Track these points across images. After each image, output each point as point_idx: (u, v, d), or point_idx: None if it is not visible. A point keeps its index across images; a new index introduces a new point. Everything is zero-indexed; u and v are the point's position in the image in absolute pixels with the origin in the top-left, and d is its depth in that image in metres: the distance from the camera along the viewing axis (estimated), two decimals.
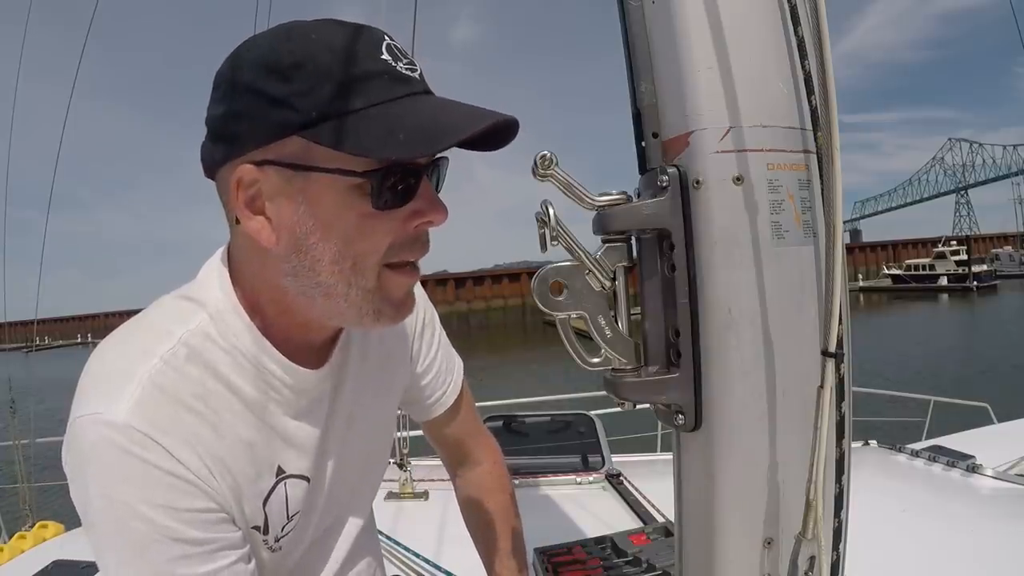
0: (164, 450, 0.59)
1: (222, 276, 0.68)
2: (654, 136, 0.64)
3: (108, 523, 0.58)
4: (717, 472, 0.62)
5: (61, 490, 0.65)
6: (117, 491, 0.57)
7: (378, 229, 0.61)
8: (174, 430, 0.60)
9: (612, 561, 1.56)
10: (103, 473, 0.58)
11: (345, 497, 0.82)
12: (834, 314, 0.57)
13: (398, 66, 0.60)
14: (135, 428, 0.58)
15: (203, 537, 0.60)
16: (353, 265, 0.62)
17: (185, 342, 0.63)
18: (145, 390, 0.60)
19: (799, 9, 0.59)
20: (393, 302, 0.66)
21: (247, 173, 0.61)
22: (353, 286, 0.63)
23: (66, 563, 1.94)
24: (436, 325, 0.96)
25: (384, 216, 0.61)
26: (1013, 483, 1.94)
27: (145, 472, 0.58)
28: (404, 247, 0.64)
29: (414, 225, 0.63)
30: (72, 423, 0.59)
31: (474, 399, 1.06)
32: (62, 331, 78.34)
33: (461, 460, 1.06)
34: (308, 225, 0.61)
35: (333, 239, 0.61)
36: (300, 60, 0.58)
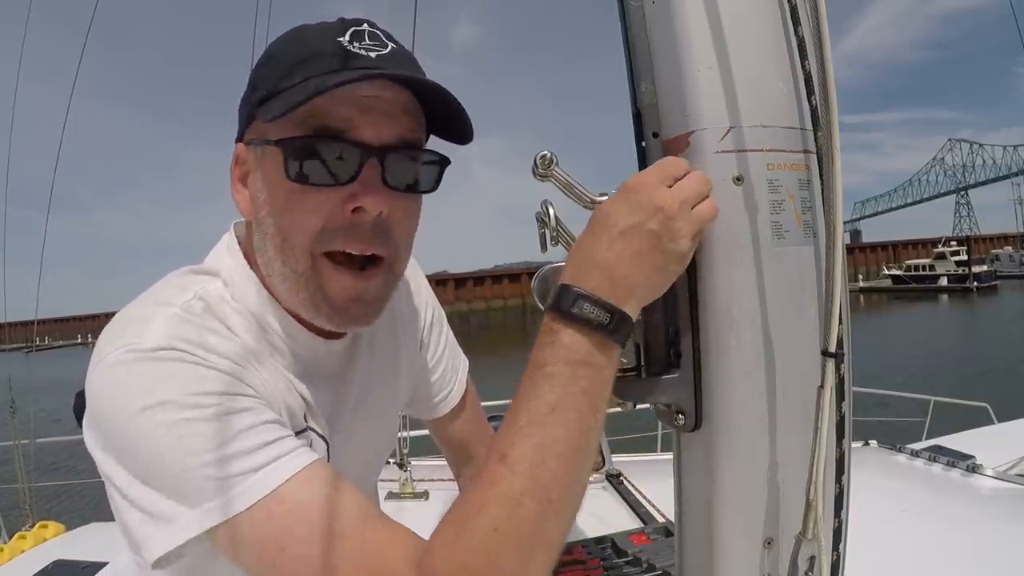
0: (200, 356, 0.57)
1: (232, 248, 0.70)
2: (654, 136, 0.64)
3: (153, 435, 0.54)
4: (717, 472, 0.62)
5: (61, 490, 0.64)
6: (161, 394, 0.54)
7: (304, 206, 0.61)
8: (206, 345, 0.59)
9: (612, 561, 1.56)
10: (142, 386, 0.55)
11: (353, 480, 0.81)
12: (834, 314, 0.57)
13: (351, 46, 0.62)
14: (168, 346, 0.56)
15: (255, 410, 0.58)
16: (284, 241, 0.63)
17: (200, 296, 0.64)
18: (169, 321, 0.59)
19: (799, 9, 0.59)
20: (330, 300, 0.64)
21: (241, 151, 0.68)
22: (287, 265, 0.64)
23: (66, 563, 1.94)
24: (444, 324, 0.97)
25: (311, 193, 0.61)
26: (1013, 483, 1.94)
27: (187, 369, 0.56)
28: (338, 233, 0.62)
29: (349, 209, 0.61)
30: (93, 369, 0.57)
31: (480, 400, 1.06)
32: (62, 331, 78.36)
33: (466, 460, 1.06)
34: (261, 198, 0.65)
35: (272, 214, 0.64)
36: (275, 51, 0.65)
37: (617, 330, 0.55)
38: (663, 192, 0.56)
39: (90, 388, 0.57)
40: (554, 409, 0.54)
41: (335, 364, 0.75)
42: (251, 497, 0.53)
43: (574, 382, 0.54)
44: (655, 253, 0.56)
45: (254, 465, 0.54)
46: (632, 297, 0.56)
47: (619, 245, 0.56)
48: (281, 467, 0.55)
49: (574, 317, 0.55)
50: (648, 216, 0.56)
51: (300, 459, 0.56)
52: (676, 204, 0.56)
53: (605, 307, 0.55)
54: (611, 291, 0.55)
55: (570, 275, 0.57)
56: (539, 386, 0.55)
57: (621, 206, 0.57)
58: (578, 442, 0.54)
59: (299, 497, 0.54)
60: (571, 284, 0.56)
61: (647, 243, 0.55)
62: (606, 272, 0.55)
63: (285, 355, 0.68)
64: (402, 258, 0.68)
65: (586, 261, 0.57)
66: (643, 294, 0.57)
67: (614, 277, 0.55)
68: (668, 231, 0.56)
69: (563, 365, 0.55)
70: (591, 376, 0.55)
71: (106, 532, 2.15)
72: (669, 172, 0.58)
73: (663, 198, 0.56)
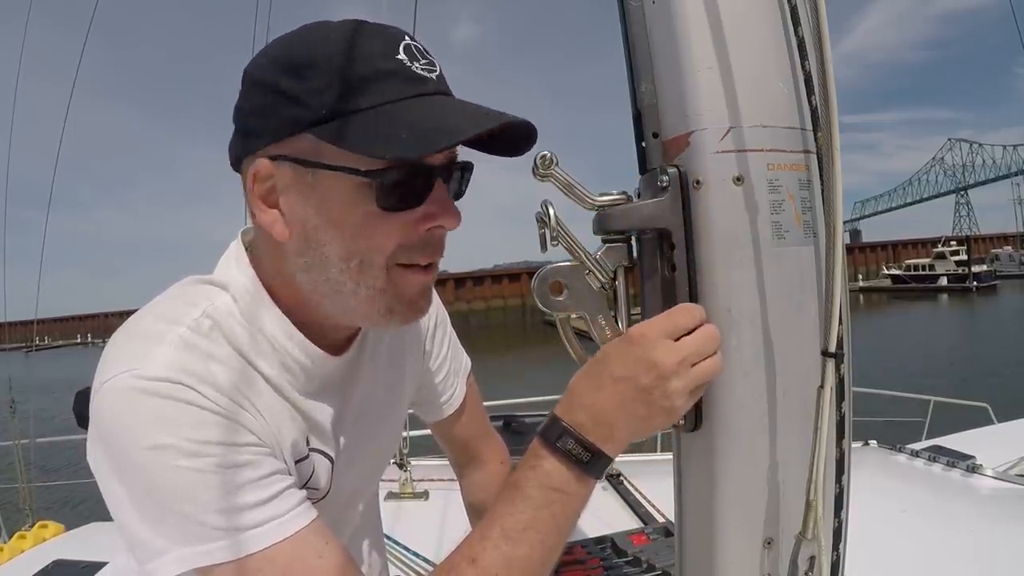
0: (201, 394, 0.58)
1: (241, 262, 0.69)
2: (654, 136, 0.64)
3: (155, 472, 0.55)
4: (717, 472, 0.62)
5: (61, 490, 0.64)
6: (163, 436, 0.55)
7: (384, 229, 0.61)
8: (210, 378, 0.59)
9: (612, 561, 1.56)
10: (145, 422, 0.56)
11: (349, 492, 0.81)
12: (834, 314, 0.57)
13: (413, 66, 0.60)
14: (171, 379, 0.57)
15: (256, 463, 0.59)
16: (360, 263, 0.62)
17: (208, 314, 0.64)
18: (175, 347, 0.59)
19: (799, 9, 0.59)
20: (405, 300, 0.65)
21: (263, 167, 0.62)
22: (361, 284, 0.63)
23: (66, 563, 1.94)
24: (447, 326, 0.97)
25: (391, 217, 0.61)
26: (1013, 483, 1.94)
27: (190, 413, 0.57)
28: (414, 249, 0.63)
29: (425, 228, 0.63)
30: (101, 386, 0.58)
31: (482, 400, 1.06)
32: (62, 331, 78.31)
33: (468, 460, 1.06)
34: (317, 221, 0.62)
35: (340, 237, 0.61)
36: (314, 59, 0.59)
37: (594, 466, 0.60)
38: (663, 349, 0.58)
39: (94, 409, 0.58)
40: (525, 528, 0.59)
41: (340, 376, 0.74)
42: (240, 552, 0.56)
43: (546, 506, 0.60)
44: (642, 406, 0.59)
45: (248, 523, 0.57)
46: (613, 439, 0.60)
47: (608, 391, 0.60)
48: (274, 530, 0.58)
49: (557, 449, 0.60)
50: (641, 372, 0.58)
51: (293, 524, 0.59)
52: (674, 363, 0.58)
53: (585, 445, 0.59)
54: (593, 431, 0.60)
55: (561, 408, 0.62)
56: (515, 504, 0.60)
57: (619, 354, 0.60)
58: (542, 559, 0.60)
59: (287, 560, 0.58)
60: (560, 417, 0.61)
61: (635, 396, 0.59)
62: (591, 413, 0.60)
63: (295, 372, 0.68)
64: None
65: (577, 398, 0.61)
66: (625, 438, 0.61)
67: (598, 419, 0.60)
68: (660, 388, 0.58)
69: (539, 489, 0.60)
70: (563, 502, 0.60)
71: (106, 532, 2.15)
72: (678, 325, 0.60)
73: (662, 356, 0.58)
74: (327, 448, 0.72)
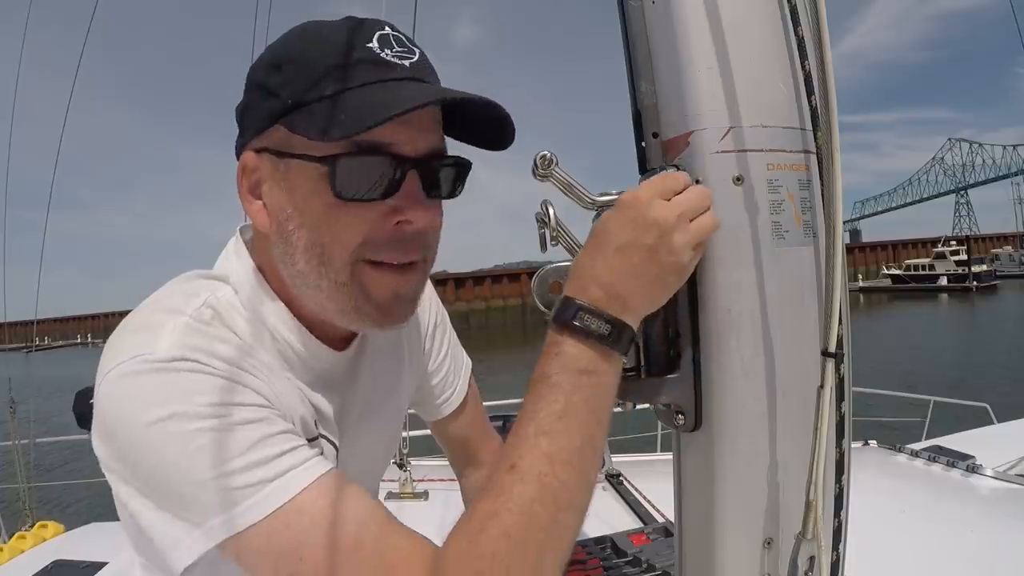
0: (212, 367, 0.57)
1: (241, 255, 0.69)
2: (654, 136, 0.64)
3: (170, 446, 0.53)
4: (717, 472, 0.62)
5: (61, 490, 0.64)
6: (174, 406, 0.54)
7: (346, 221, 0.60)
8: (219, 354, 0.58)
9: (612, 561, 1.56)
10: (155, 398, 0.54)
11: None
12: (834, 314, 0.57)
13: (383, 53, 0.60)
14: (180, 356, 0.56)
15: (268, 420, 0.58)
16: (321, 255, 0.61)
17: (210, 304, 0.63)
18: (180, 331, 0.58)
19: (799, 9, 0.59)
20: (375, 302, 0.63)
21: (250, 160, 0.64)
22: (324, 277, 0.62)
23: (66, 563, 1.93)
24: (447, 326, 0.97)
25: (353, 208, 0.60)
26: (1013, 483, 1.94)
27: (201, 380, 0.56)
28: (382, 245, 0.61)
29: (392, 223, 0.61)
30: (104, 378, 0.57)
31: (482, 400, 1.06)
32: (62, 331, 78.30)
33: (468, 460, 1.06)
34: (288, 211, 0.62)
35: (305, 227, 0.61)
36: (293, 54, 0.61)
37: (618, 340, 0.57)
38: (659, 206, 0.57)
39: (99, 399, 0.57)
40: (560, 417, 0.55)
41: (341, 373, 0.74)
42: (268, 507, 0.53)
43: (578, 391, 0.56)
44: (652, 266, 0.57)
45: (270, 475, 0.54)
46: (631, 309, 0.58)
47: (615, 260, 0.58)
48: (297, 477, 0.55)
49: (576, 329, 0.57)
50: (643, 231, 0.57)
51: (315, 469, 0.56)
52: (673, 218, 0.57)
53: (605, 318, 0.57)
54: (609, 303, 0.57)
55: (571, 289, 0.59)
56: (544, 396, 0.56)
57: (617, 221, 0.58)
58: (584, 448, 0.56)
59: (316, 506, 0.54)
60: (573, 297, 0.58)
61: (643, 257, 0.57)
62: (604, 285, 0.57)
63: (294, 364, 0.68)
64: (433, 258, 0.69)
65: (585, 275, 0.59)
66: (642, 305, 0.59)
67: (612, 290, 0.57)
68: (664, 245, 0.57)
69: (567, 375, 0.56)
70: (594, 385, 0.57)
71: (106, 532, 2.15)
72: (667, 186, 0.59)
73: (659, 212, 0.57)
74: (333, 437, 0.72)
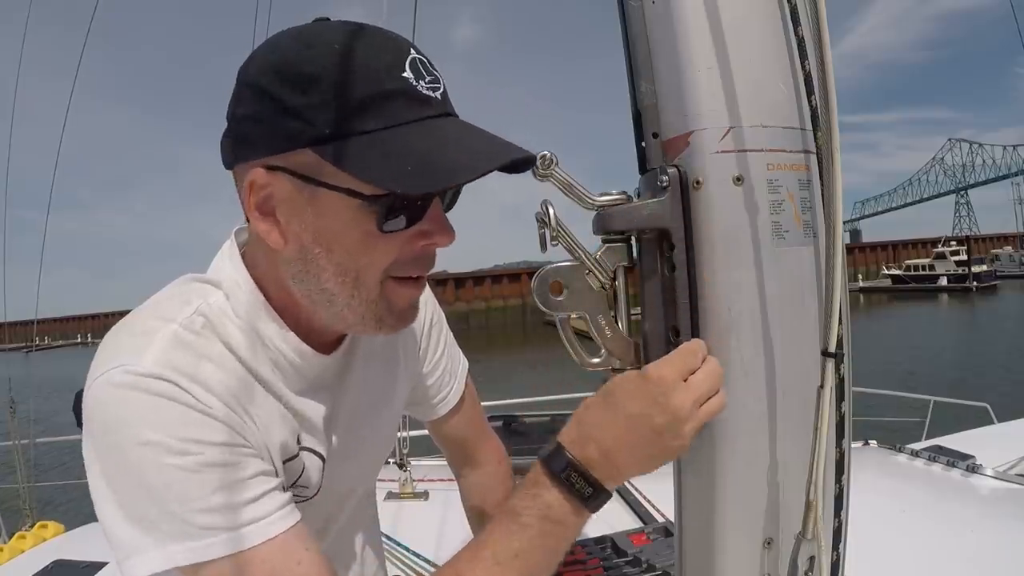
0: (190, 393, 0.58)
1: (234, 260, 0.69)
2: (654, 136, 0.64)
3: (141, 468, 0.56)
4: (717, 472, 0.62)
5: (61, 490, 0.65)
6: (151, 433, 0.56)
7: (382, 248, 0.62)
8: (200, 377, 0.60)
9: (612, 561, 1.56)
10: (134, 418, 0.56)
11: (344, 491, 0.82)
12: (834, 314, 0.57)
13: (418, 85, 0.59)
14: (161, 376, 0.57)
15: (239, 462, 0.60)
16: (356, 278, 0.63)
17: (202, 312, 0.64)
18: (168, 344, 0.60)
19: (799, 9, 0.59)
20: (395, 311, 0.66)
21: (259, 177, 0.61)
22: (355, 297, 0.63)
23: (66, 563, 1.93)
24: (443, 325, 0.97)
25: (390, 237, 0.61)
26: (1013, 483, 1.94)
27: (177, 411, 0.57)
28: (408, 264, 0.64)
29: (420, 245, 0.63)
30: (94, 381, 0.58)
31: (480, 400, 1.06)
32: (62, 331, 78.26)
33: (466, 460, 1.06)
34: (314, 235, 0.61)
35: (337, 252, 0.62)
36: (318, 73, 0.57)
37: (596, 502, 0.61)
38: (680, 393, 0.59)
39: (86, 403, 0.59)
40: (518, 555, 0.59)
41: (332, 375, 0.75)
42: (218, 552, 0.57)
43: (542, 536, 0.60)
44: (655, 446, 0.60)
45: (227, 524, 0.57)
46: (620, 477, 0.61)
47: (623, 429, 0.60)
48: (251, 535, 0.58)
49: (561, 481, 0.60)
50: (659, 412, 0.59)
51: (275, 527, 0.59)
52: (689, 405, 0.59)
53: (590, 481, 0.60)
54: (601, 468, 0.60)
55: (569, 438, 0.62)
56: (510, 532, 0.60)
57: (637, 392, 0.60)
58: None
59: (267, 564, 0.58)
60: (567, 448, 0.61)
61: (650, 435, 0.59)
62: (604, 451, 0.60)
63: (284, 369, 0.68)
64: None
65: (588, 431, 0.61)
66: (631, 474, 0.62)
67: (609, 457, 0.60)
68: (673, 430, 0.59)
69: (537, 519, 0.60)
70: (559, 534, 0.61)
71: None
72: (688, 365, 0.60)
73: (678, 400, 0.59)
74: (319, 447, 0.73)
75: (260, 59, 0.62)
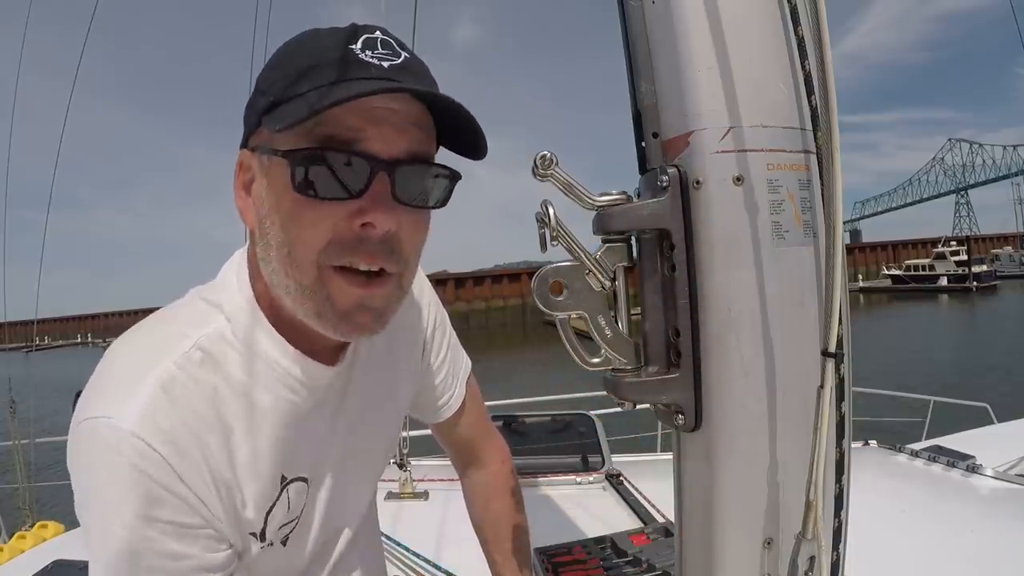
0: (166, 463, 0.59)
1: (240, 274, 0.69)
2: (654, 136, 0.64)
3: (96, 524, 0.59)
4: (717, 472, 0.62)
5: (61, 490, 0.65)
6: (108, 494, 0.58)
7: (310, 217, 0.59)
8: (180, 440, 0.60)
9: (612, 561, 1.56)
10: (100, 477, 0.58)
11: (349, 496, 0.82)
12: (834, 314, 0.57)
13: (363, 54, 0.60)
14: (140, 438, 0.58)
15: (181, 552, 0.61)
16: (289, 254, 0.61)
17: (200, 346, 0.64)
18: (155, 395, 0.59)
19: (799, 9, 0.59)
20: (336, 309, 0.62)
21: (244, 157, 0.66)
22: (291, 278, 0.61)
23: (66, 563, 1.93)
24: (447, 327, 0.96)
25: (318, 206, 0.59)
26: (1013, 483, 1.94)
27: (140, 483, 0.58)
28: (346, 248, 0.60)
29: (357, 224, 0.60)
30: (79, 424, 0.59)
31: (483, 400, 1.06)
32: (62, 331, 78.23)
33: (469, 460, 1.06)
34: (266, 207, 0.63)
35: (277, 224, 0.62)
36: (283, 56, 0.63)
37: None
38: None
39: (71, 439, 0.60)
40: None
41: (337, 386, 0.75)
42: None
43: None
44: None
45: None
46: None
47: None
48: None
49: None
50: None
51: None
52: None
53: None
54: None
55: None
56: None
57: None
58: None
59: None
60: None
61: None
62: None
63: (294, 390, 0.68)
64: (411, 273, 0.67)
65: None
66: None
67: None
68: None
69: None
70: None
71: None
72: None
73: None
74: (310, 469, 0.73)
75: None
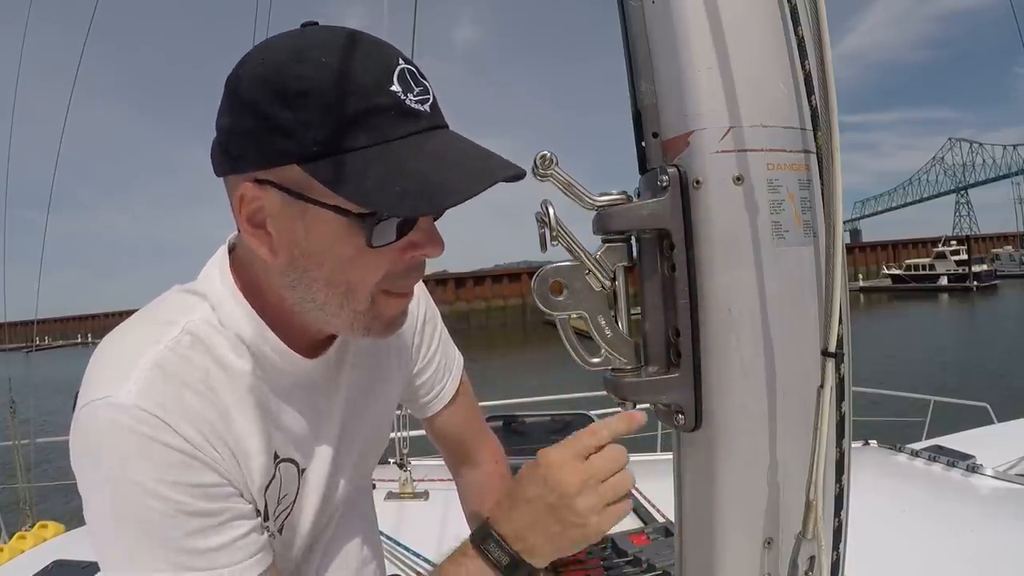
0: (171, 429, 0.59)
1: (223, 268, 0.69)
2: (654, 136, 0.64)
3: (121, 506, 0.58)
4: (717, 472, 0.62)
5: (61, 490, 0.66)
6: (129, 472, 0.57)
7: (373, 262, 0.62)
8: (180, 410, 0.60)
9: (612, 561, 1.56)
10: (114, 455, 0.58)
11: (341, 490, 0.82)
12: (834, 314, 0.57)
13: (407, 99, 0.59)
14: (142, 408, 0.58)
15: (216, 508, 0.61)
16: (347, 291, 0.63)
17: (188, 330, 0.65)
18: (151, 373, 0.60)
19: (799, 9, 0.59)
20: (384, 320, 0.68)
21: (249, 191, 0.61)
22: (346, 307, 0.65)
23: (66, 563, 1.93)
24: (437, 322, 0.97)
25: (379, 250, 0.62)
26: (1013, 483, 1.94)
27: (156, 450, 0.58)
28: (398, 277, 0.65)
29: (410, 256, 0.64)
30: (79, 411, 0.60)
31: (476, 400, 1.06)
32: (62, 331, 78.25)
33: (463, 459, 1.06)
34: (305, 249, 0.62)
35: (327, 266, 0.62)
36: (307, 88, 0.56)
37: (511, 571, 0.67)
38: (568, 470, 0.65)
39: (73, 428, 0.60)
40: None
41: (321, 377, 0.75)
42: None
43: None
44: (554, 523, 0.66)
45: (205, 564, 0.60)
46: (533, 553, 0.67)
47: (520, 511, 0.67)
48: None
49: (481, 551, 0.68)
50: (547, 491, 0.65)
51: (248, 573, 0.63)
52: (578, 483, 0.65)
53: (507, 552, 0.67)
54: (514, 543, 0.67)
55: (494, 513, 0.70)
56: None
57: (529, 476, 0.68)
58: None
59: None
60: (490, 522, 0.69)
61: (545, 514, 0.66)
62: (511, 528, 0.67)
63: (267, 371, 0.69)
64: None
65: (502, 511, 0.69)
66: (548, 552, 0.67)
67: (517, 534, 0.67)
68: (566, 506, 0.65)
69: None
70: None
71: None
72: (584, 446, 0.67)
73: (566, 477, 0.65)
74: (299, 454, 0.74)
75: (250, 71, 0.61)
